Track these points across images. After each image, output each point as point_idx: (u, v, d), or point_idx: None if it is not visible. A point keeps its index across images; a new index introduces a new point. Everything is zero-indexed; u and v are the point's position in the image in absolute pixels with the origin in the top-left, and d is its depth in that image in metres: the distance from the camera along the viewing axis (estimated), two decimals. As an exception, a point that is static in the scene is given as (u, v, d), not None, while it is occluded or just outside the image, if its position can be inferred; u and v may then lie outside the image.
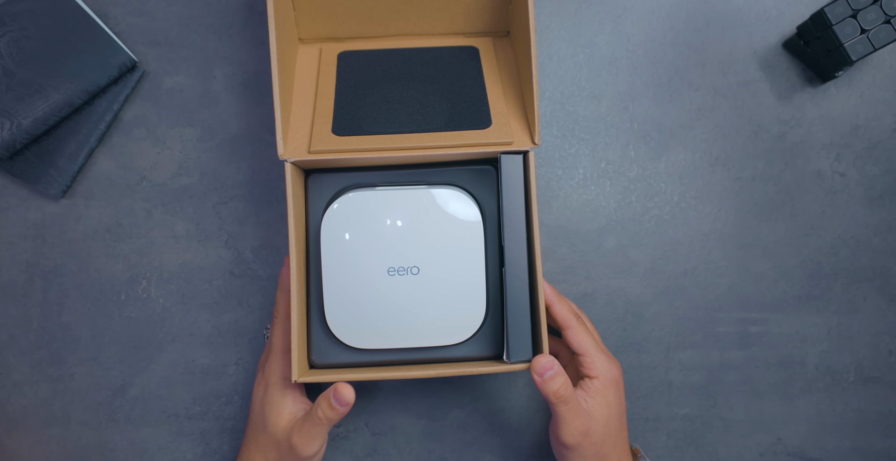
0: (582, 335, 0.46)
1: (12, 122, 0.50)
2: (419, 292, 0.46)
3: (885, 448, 0.54)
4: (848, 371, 0.54)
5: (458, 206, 0.47)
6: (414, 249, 0.46)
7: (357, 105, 0.48)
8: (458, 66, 0.51)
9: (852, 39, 0.51)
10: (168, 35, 0.55)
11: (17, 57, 0.51)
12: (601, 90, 0.56)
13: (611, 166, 0.56)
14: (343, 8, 0.51)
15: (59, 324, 0.53)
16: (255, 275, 0.54)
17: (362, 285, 0.46)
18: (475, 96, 0.48)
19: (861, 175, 0.56)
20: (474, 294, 0.47)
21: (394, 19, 0.52)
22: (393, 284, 0.46)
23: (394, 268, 0.46)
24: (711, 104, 0.56)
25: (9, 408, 0.53)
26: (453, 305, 0.47)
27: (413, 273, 0.46)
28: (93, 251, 0.54)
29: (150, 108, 0.55)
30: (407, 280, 0.46)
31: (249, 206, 0.54)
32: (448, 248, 0.46)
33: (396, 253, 0.46)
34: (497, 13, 0.52)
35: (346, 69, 0.51)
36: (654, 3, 0.57)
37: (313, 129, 0.47)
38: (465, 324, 0.47)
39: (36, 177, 0.53)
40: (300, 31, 0.53)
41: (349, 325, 0.46)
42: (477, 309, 0.47)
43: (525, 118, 0.48)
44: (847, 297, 0.55)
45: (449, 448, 0.53)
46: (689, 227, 0.55)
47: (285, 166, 0.44)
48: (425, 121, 0.47)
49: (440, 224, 0.46)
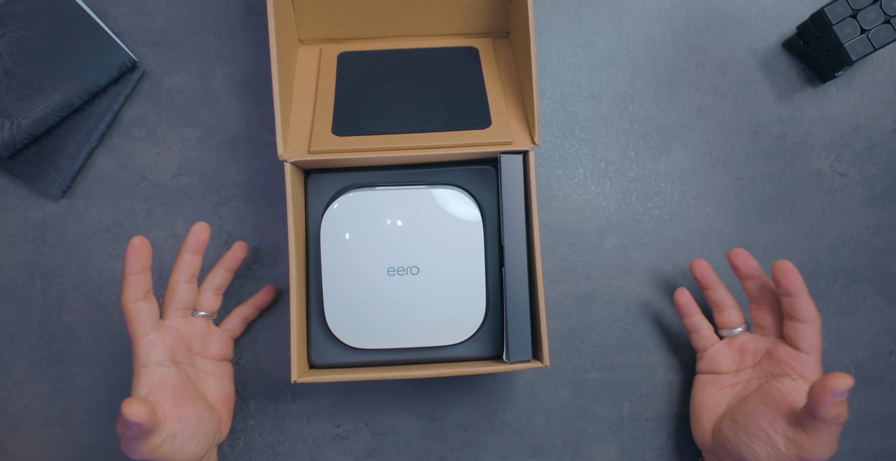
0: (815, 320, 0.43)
1: (12, 122, 0.50)
2: (419, 292, 0.46)
3: (885, 448, 0.54)
4: (848, 371, 0.54)
5: (458, 206, 0.47)
6: (414, 249, 0.46)
7: (357, 105, 0.48)
8: (457, 66, 0.51)
9: (852, 39, 0.51)
10: (168, 35, 0.55)
11: (17, 57, 0.51)
12: (601, 90, 0.56)
13: (611, 166, 0.56)
14: (343, 9, 0.51)
15: (59, 324, 0.53)
16: (255, 276, 0.54)
17: (362, 285, 0.46)
18: (475, 96, 0.48)
19: (861, 175, 0.56)
20: (474, 294, 0.47)
21: (393, 20, 0.52)
22: (393, 284, 0.46)
23: (393, 268, 0.46)
24: (711, 104, 0.56)
25: (9, 408, 0.53)
26: (453, 305, 0.47)
27: (413, 273, 0.46)
28: (93, 251, 0.54)
29: (150, 108, 0.55)
30: (407, 280, 0.46)
31: (249, 206, 0.54)
32: (448, 248, 0.46)
33: (396, 253, 0.46)
34: (496, 14, 0.52)
35: (346, 70, 0.51)
36: (654, 3, 0.57)
37: (313, 129, 0.47)
38: (465, 324, 0.47)
39: (36, 177, 0.53)
40: (300, 32, 0.53)
41: (349, 325, 0.46)
42: (476, 309, 0.47)
43: (525, 118, 0.48)
44: (847, 297, 0.55)
45: (449, 448, 0.53)
46: (689, 227, 0.55)
47: (285, 166, 0.44)
48: (425, 121, 0.47)
49: (440, 224, 0.46)
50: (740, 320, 0.48)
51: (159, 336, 0.43)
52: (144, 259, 0.41)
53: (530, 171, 0.44)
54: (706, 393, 0.48)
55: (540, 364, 0.44)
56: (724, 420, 0.45)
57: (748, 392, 0.45)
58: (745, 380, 0.46)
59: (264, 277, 0.54)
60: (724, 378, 0.47)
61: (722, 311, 0.48)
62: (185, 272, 0.45)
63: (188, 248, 0.45)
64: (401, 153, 0.45)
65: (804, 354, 0.43)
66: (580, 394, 0.54)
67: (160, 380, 0.42)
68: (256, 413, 0.53)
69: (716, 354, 0.48)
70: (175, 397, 0.42)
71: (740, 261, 0.45)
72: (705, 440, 0.47)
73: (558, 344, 0.54)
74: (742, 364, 0.47)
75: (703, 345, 0.49)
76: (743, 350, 0.47)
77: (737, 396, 0.46)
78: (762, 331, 0.47)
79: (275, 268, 0.54)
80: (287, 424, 0.53)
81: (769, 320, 0.46)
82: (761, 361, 0.46)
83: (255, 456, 0.52)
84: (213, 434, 0.45)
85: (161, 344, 0.43)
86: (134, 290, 0.41)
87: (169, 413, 0.41)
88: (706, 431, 0.47)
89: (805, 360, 0.43)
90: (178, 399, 0.42)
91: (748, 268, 0.45)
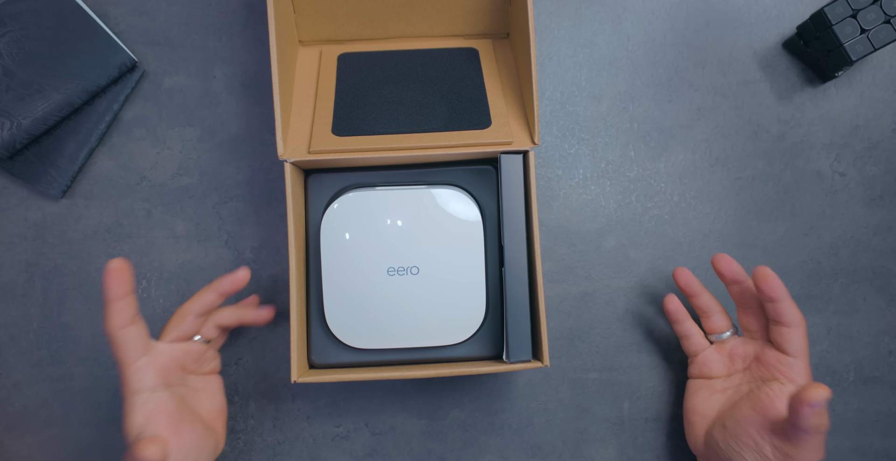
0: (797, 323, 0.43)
1: (12, 122, 0.50)
2: (419, 292, 0.46)
3: (885, 448, 0.54)
4: (848, 371, 0.54)
5: (458, 206, 0.47)
6: (414, 249, 0.46)
7: (357, 106, 0.48)
8: (457, 67, 0.51)
9: (852, 39, 0.51)
10: (168, 35, 0.55)
11: (17, 57, 0.51)
12: (601, 90, 0.56)
13: (611, 166, 0.56)
14: (343, 10, 0.51)
15: (60, 324, 0.53)
16: (255, 276, 0.54)
17: (362, 285, 0.46)
18: (475, 97, 0.48)
19: (861, 175, 0.56)
20: (474, 294, 0.47)
21: (393, 21, 0.52)
22: (393, 284, 0.46)
23: (393, 268, 0.46)
24: (711, 104, 0.56)
25: (9, 408, 0.53)
26: (453, 305, 0.47)
27: (413, 273, 0.46)
28: (93, 251, 0.54)
29: (150, 108, 0.55)
30: (407, 280, 0.46)
31: (249, 206, 0.54)
32: (448, 248, 0.46)
33: (396, 253, 0.46)
34: (496, 15, 0.52)
35: (347, 70, 0.51)
36: (654, 3, 0.57)
37: (313, 129, 0.47)
38: (465, 324, 0.47)
39: (36, 177, 0.53)
40: (300, 34, 0.53)
41: (349, 325, 0.47)
42: (477, 309, 0.47)
43: (525, 118, 0.48)
44: (847, 297, 0.55)
45: (449, 448, 0.53)
46: (689, 227, 0.55)
47: (285, 166, 0.44)
48: (425, 121, 0.47)
49: (440, 224, 0.47)
50: (727, 325, 0.48)
51: (150, 361, 0.41)
52: (126, 282, 0.39)
53: (530, 171, 0.44)
54: (698, 398, 0.48)
55: (540, 364, 0.44)
56: (714, 426, 0.46)
57: (739, 397, 0.46)
58: (735, 385, 0.47)
59: (264, 277, 0.54)
60: (716, 383, 0.48)
61: (709, 317, 0.48)
62: (202, 308, 0.44)
63: (218, 288, 0.44)
64: (401, 153, 0.45)
65: (791, 358, 0.44)
66: (580, 394, 0.54)
67: (155, 408, 0.40)
68: (256, 413, 0.53)
69: (706, 359, 0.48)
70: (172, 424, 0.40)
71: (724, 267, 0.46)
72: (698, 445, 0.47)
73: (558, 344, 0.54)
74: (732, 368, 0.47)
75: (694, 349, 0.49)
76: (732, 354, 0.47)
77: (728, 401, 0.46)
78: (750, 335, 0.47)
79: (275, 268, 0.54)
80: (287, 424, 0.53)
81: (756, 324, 0.46)
82: (751, 365, 0.46)
83: (255, 456, 0.52)
84: (213, 453, 0.44)
85: (153, 369, 0.41)
86: (119, 317, 0.39)
87: (170, 442, 0.40)
88: (699, 437, 0.47)
89: (793, 364, 0.43)
90: (175, 426, 0.40)
91: (733, 273, 0.46)
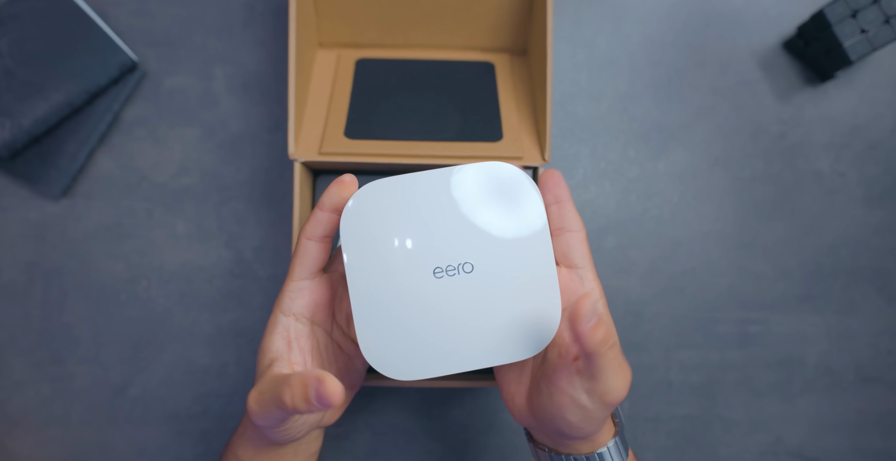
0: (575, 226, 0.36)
1: (12, 122, 0.50)
2: (476, 296, 0.35)
3: (885, 448, 0.54)
4: (847, 371, 0.55)
5: (511, 182, 0.36)
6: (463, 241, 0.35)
7: (371, 110, 0.48)
8: (473, 80, 0.51)
9: (852, 39, 0.51)
10: (168, 35, 0.55)
11: (17, 57, 0.51)
12: (601, 90, 0.56)
13: (610, 166, 0.56)
14: (365, 16, 0.51)
15: (60, 324, 0.53)
16: (256, 276, 0.54)
17: (402, 296, 0.35)
18: (488, 110, 0.49)
19: (861, 175, 0.56)
20: (546, 291, 0.36)
21: (413, 30, 0.52)
22: (441, 289, 0.35)
23: (441, 267, 0.35)
24: (711, 104, 0.56)
25: (9, 408, 0.53)
26: (524, 310, 0.35)
27: (465, 271, 0.35)
28: (93, 251, 0.54)
29: (151, 108, 0.55)
30: (458, 281, 0.35)
31: (250, 206, 0.54)
32: (507, 236, 0.36)
33: (442, 248, 0.35)
34: (515, 31, 0.52)
35: (363, 75, 0.51)
36: (654, 3, 0.57)
37: (326, 130, 0.47)
38: (539, 332, 0.36)
39: (36, 177, 0.53)
40: (321, 36, 0.53)
41: (389, 353, 0.35)
42: (551, 311, 0.36)
43: (537, 135, 0.48)
44: (847, 297, 0.55)
45: (449, 448, 0.53)
46: (689, 227, 0.55)
47: (294, 166, 0.44)
48: (437, 130, 0.47)
49: (493, 206, 0.36)
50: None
51: (311, 287, 0.37)
52: (343, 199, 0.34)
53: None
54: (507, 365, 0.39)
55: None
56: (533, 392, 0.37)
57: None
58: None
59: (264, 277, 0.54)
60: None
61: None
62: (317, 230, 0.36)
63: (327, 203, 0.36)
64: (411, 160, 0.45)
65: (580, 269, 0.37)
66: (580, 393, 0.54)
67: (296, 338, 0.36)
68: (257, 413, 0.53)
69: None
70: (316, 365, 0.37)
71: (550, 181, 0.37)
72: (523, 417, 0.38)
73: (558, 344, 0.54)
74: None
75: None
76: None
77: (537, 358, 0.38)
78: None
79: (275, 268, 0.54)
80: (287, 424, 0.53)
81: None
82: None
83: (255, 456, 0.52)
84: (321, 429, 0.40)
85: (309, 296, 0.37)
86: (315, 227, 0.35)
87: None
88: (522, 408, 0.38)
89: (583, 276, 0.37)
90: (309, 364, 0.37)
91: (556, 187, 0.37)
